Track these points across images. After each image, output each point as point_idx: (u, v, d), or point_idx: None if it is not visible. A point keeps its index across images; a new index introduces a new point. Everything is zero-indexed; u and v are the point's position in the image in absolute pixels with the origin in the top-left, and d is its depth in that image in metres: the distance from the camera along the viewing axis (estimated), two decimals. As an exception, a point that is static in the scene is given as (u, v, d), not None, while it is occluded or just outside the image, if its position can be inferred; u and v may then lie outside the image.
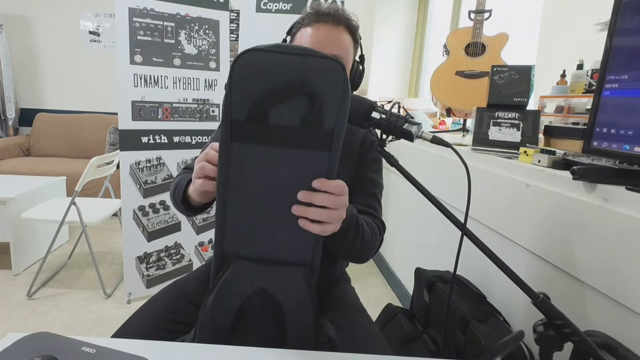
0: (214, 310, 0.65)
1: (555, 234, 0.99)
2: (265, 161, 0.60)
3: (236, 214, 0.63)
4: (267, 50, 0.57)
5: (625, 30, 0.80)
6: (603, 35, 0.84)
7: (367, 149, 0.93)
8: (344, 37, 0.86)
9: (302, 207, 0.60)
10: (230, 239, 0.64)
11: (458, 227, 0.63)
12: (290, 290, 0.65)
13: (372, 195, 0.90)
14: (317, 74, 0.57)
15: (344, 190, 0.63)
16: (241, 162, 0.61)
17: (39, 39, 3.95)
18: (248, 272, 0.64)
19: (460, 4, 2.86)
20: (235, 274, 0.64)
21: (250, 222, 0.63)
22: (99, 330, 1.85)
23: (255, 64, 0.57)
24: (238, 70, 0.58)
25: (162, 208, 2.08)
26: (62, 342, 0.56)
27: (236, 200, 0.62)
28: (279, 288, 0.64)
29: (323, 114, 0.58)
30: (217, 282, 0.64)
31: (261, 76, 0.57)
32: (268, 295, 0.64)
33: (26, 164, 3.42)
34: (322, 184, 0.60)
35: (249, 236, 0.64)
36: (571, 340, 0.55)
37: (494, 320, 1.10)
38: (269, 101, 0.58)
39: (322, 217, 0.61)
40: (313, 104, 0.58)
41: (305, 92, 0.57)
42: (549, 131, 1.29)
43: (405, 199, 2.21)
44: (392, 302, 1.57)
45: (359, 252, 0.79)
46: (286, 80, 0.57)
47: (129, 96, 1.89)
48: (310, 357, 0.64)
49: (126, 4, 1.82)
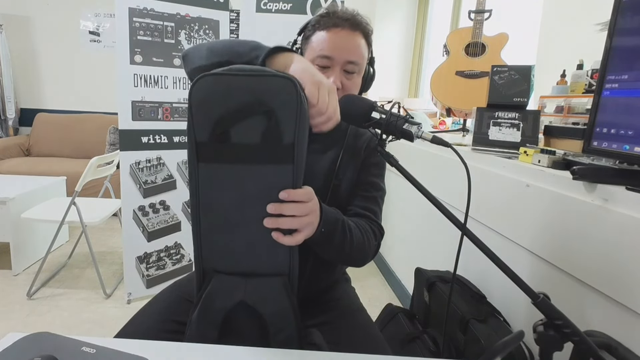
0: (199, 325, 0.67)
1: (555, 234, 0.99)
2: (233, 179, 0.63)
3: (211, 230, 0.66)
4: (222, 74, 0.60)
5: (625, 30, 0.80)
6: (603, 35, 0.84)
7: (370, 153, 0.92)
8: (361, 42, 0.86)
9: (273, 219, 0.63)
10: (208, 255, 0.67)
11: (458, 227, 0.63)
12: (269, 301, 0.66)
13: (372, 199, 0.90)
14: (271, 92, 0.60)
15: (311, 196, 0.66)
16: (209, 182, 0.63)
17: (39, 39, 3.95)
18: (227, 286, 0.66)
19: (460, 4, 2.86)
20: (215, 288, 0.66)
21: (225, 237, 0.65)
22: (99, 330, 1.85)
23: (212, 87, 0.60)
24: (196, 95, 0.60)
25: (162, 208, 2.08)
26: (62, 342, 0.56)
27: (209, 218, 0.65)
28: (258, 299, 0.66)
29: (281, 129, 0.60)
30: (200, 297, 0.67)
31: (218, 98, 0.60)
32: (248, 307, 0.66)
33: (26, 164, 3.42)
34: (289, 194, 0.63)
35: (226, 251, 0.66)
36: (571, 340, 0.55)
37: (494, 320, 1.10)
38: (228, 122, 0.60)
39: (293, 225, 0.64)
40: (270, 120, 0.60)
41: (261, 110, 0.60)
42: (549, 131, 1.29)
43: (405, 199, 2.21)
44: (392, 302, 1.57)
45: (349, 256, 0.80)
46: (242, 100, 0.60)
47: (129, 96, 1.89)
48: (309, 357, 0.64)
49: (126, 4, 1.82)
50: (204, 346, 0.64)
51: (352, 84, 0.86)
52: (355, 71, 0.85)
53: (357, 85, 0.88)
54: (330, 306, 0.92)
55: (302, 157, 0.64)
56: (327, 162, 0.88)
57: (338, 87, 0.82)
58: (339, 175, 0.88)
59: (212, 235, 0.66)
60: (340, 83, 0.83)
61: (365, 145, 0.93)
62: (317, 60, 0.83)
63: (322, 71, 0.83)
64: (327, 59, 0.83)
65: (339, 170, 0.87)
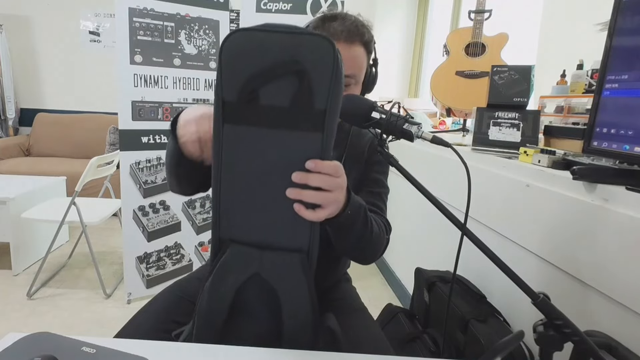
0: (211, 295, 0.64)
1: (555, 234, 0.99)
2: (258, 143, 0.59)
3: (231, 198, 0.62)
4: (256, 29, 0.56)
5: (625, 30, 0.80)
6: (603, 35, 0.84)
7: (373, 152, 0.92)
8: (358, 53, 0.83)
9: (297, 190, 0.58)
10: (226, 224, 0.63)
11: (458, 227, 0.63)
12: (284, 277, 0.63)
13: (377, 195, 0.90)
14: (306, 51, 0.56)
15: (339, 172, 0.61)
16: (234, 144, 0.60)
17: (39, 39, 3.94)
18: (243, 256, 0.63)
19: (460, 4, 2.86)
20: (230, 258, 0.63)
21: (245, 206, 0.62)
22: (99, 330, 1.85)
23: (244, 43, 0.56)
24: (227, 51, 0.57)
25: (162, 208, 2.08)
26: (62, 342, 0.56)
27: (230, 184, 0.61)
28: (273, 273, 0.63)
29: (313, 93, 0.56)
30: (214, 266, 0.64)
31: (250, 55, 0.57)
32: (263, 280, 0.63)
33: (26, 164, 3.42)
34: (315, 164, 0.58)
35: (244, 220, 0.63)
36: (571, 340, 0.55)
37: (494, 320, 1.10)
38: (258, 80, 0.56)
39: (317, 199, 0.59)
40: (302, 82, 0.56)
41: (293, 70, 0.56)
42: (549, 131, 1.29)
43: (405, 199, 2.21)
44: (392, 302, 1.57)
45: (366, 247, 0.76)
46: (275, 58, 0.56)
47: (129, 96, 1.89)
48: (310, 357, 0.64)
49: (126, 4, 1.82)
50: (204, 346, 0.64)
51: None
52: (351, 83, 0.84)
53: (356, 92, 0.87)
54: (332, 306, 0.92)
55: (333, 127, 0.59)
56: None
57: None
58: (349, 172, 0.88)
59: (231, 202, 0.62)
60: None
61: (368, 145, 0.93)
62: None
63: None
64: None
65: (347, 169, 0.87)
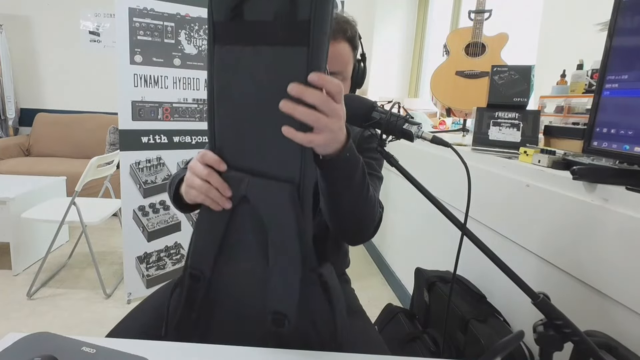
0: (201, 227, 0.65)
1: (555, 234, 0.99)
2: (244, 62, 0.57)
3: (223, 122, 0.62)
4: None
5: (625, 30, 0.80)
6: (603, 35, 0.84)
7: (364, 140, 0.91)
8: (342, 49, 0.84)
9: (290, 103, 0.53)
10: (220, 149, 0.63)
11: (458, 227, 0.63)
12: (272, 205, 0.61)
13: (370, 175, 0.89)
14: None
15: (339, 94, 0.56)
16: (223, 66, 0.59)
17: (39, 39, 3.95)
18: (232, 179, 0.62)
19: (460, 4, 2.86)
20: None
21: (235, 129, 0.61)
22: (99, 330, 1.85)
23: None
24: None
25: (162, 208, 2.08)
26: (62, 342, 0.56)
27: (222, 108, 0.61)
28: (260, 199, 0.61)
29: (296, 3, 0.53)
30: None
31: None
32: (251, 207, 0.62)
33: (26, 164, 3.42)
34: (319, 77, 0.53)
35: (236, 146, 0.62)
36: (571, 340, 0.55)
37: (494, 320, 1.10)
38: None
39: (310, 118, 0.53)
40: None
41: None
42: (549, 131, 1.29)
43: (405, 199, 2.21)
44: (392, 302, 1.57)
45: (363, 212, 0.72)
46: None
47: (129, 96, 1.89)
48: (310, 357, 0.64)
49: (126, 4, 1.82)
50: (204, 346, 0.64)
51: None
52: (339, 78, 0.84)
53: (346, 88, 0.87)
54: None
55: (321, 40, 0.54)
56: None
57: None
58: None
59: (224, 126, 0.61)
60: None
61: (359, 137, 0.92)
62: None
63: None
64: None
65: None
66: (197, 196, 0.63)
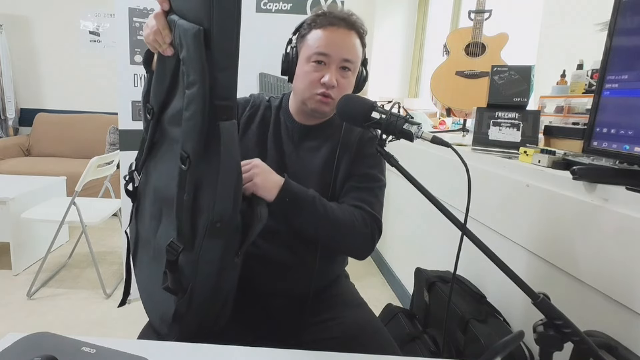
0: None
1: (555, 234, 0.99)
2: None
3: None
4: None
5: (625, 30, 0.80)
6: (603, 35, 0.84)
7: (364, 145, 0.93)
8: (356, 41, 0.88)
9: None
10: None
11: (458, 227, 0.63)
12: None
13: (366, 190, 0.89)
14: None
15: (248, 168, 0.78)
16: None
17: (39, 39, 3.94)
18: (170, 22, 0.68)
19: (460, 4, 2.86)
20: None
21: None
22: (99, 330, 1.85)
23: None
24: None
25: (162, 208, 2.08)
26: (62, 342, 0.56)
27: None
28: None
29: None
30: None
31: None
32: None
33: (26, 164, 3.42)
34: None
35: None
36: (571, 340, 0.55)
37: (494, 320, 1.11)
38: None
39: (246, 180, 0.76)
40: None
41: None
42: (549, 131, 1.29)
43: (405, 199, 2.21)
44: (392, 302, 1.57)
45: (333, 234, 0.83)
46: None
47: (129, 96, 1.88)
48: (310, 357, 0.64)
49: (126, 4, 1.82)
50: (204, 346, 0.64)
51: (347, 83, 0.88)
52: (350, 69, 0.88)
53: (352, 84, 0.90)
54: (334, 301, 0.94)
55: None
56: (322, 158, 0.90)
57: (334, 85, 0.85)
58: (339, 167, 0.90)
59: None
60: (335, 81, 0.85)
61: (358, 138, 0.93)
62: (314, 57, 0.85)
63: (318, 68, 0.85)
64: (324, 56, 0.85)
65: (338, 164, 0.90)
66: (148, 35, 0.69)
